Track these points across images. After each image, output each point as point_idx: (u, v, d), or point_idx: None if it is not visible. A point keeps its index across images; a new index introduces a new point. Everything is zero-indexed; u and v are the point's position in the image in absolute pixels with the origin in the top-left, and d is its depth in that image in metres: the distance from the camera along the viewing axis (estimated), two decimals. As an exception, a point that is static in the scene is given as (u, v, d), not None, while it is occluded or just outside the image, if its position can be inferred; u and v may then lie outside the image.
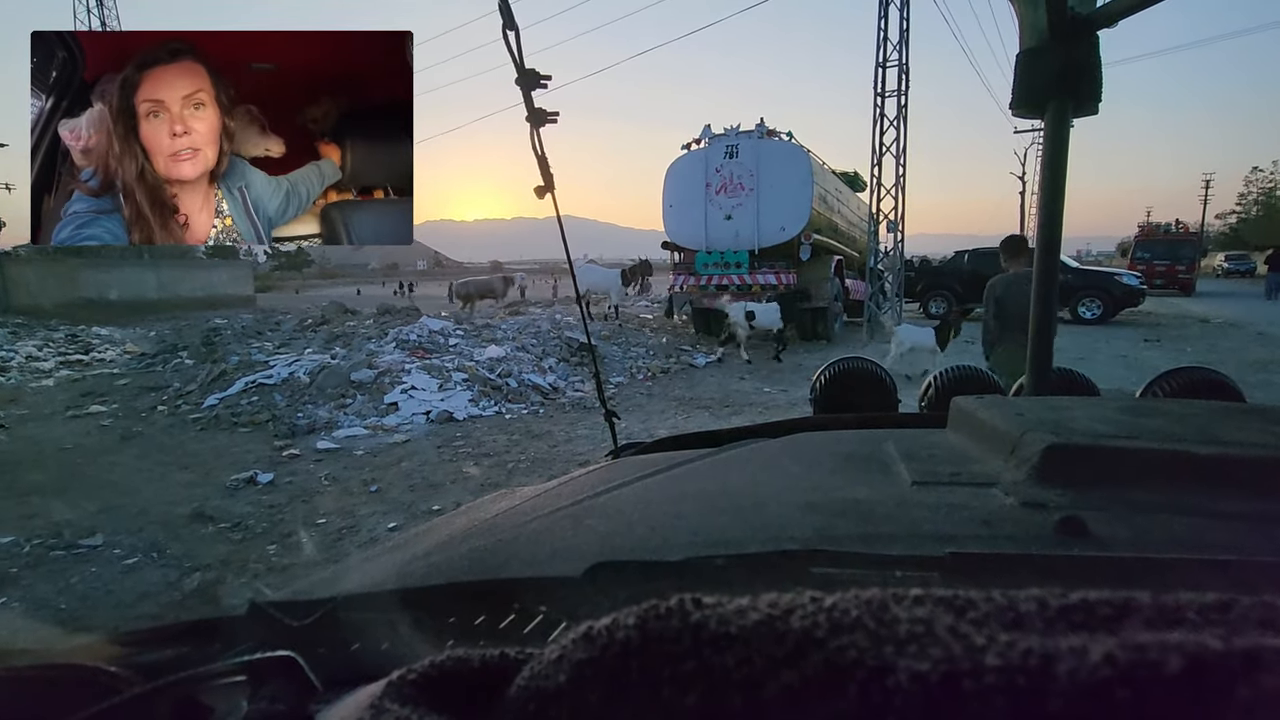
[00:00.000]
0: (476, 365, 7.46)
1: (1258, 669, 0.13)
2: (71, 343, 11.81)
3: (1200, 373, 1.04)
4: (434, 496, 4.10)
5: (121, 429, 6.05)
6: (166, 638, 0.42)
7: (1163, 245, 21.51)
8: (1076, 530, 0.43)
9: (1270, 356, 8.84)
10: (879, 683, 0.15)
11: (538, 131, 1.10)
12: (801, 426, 0.95)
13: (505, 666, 0.24)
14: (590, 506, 0.60)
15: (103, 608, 2.85)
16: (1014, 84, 1.17)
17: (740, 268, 11.23)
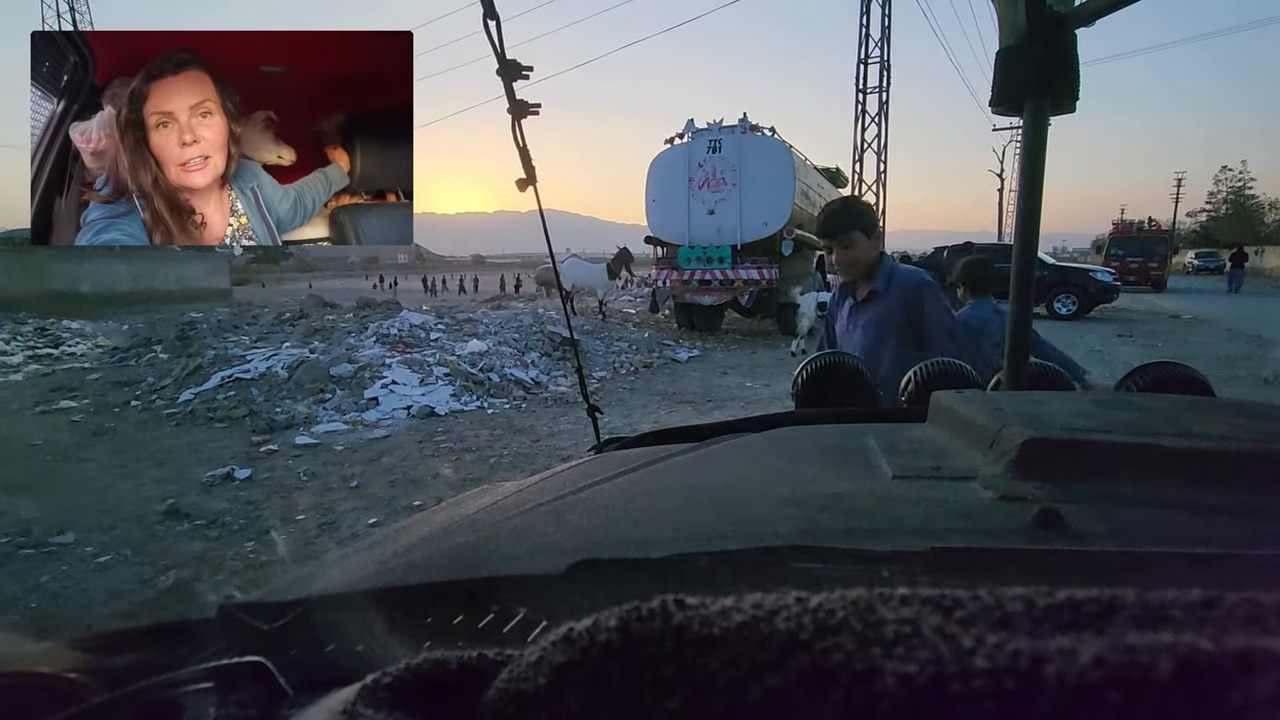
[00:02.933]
0: (458, 360, 7.41)
1: (1249, 671, 0.13)
2: (40, 336, 11.52)
3: (1172, 368, 1.06)
4: (415, 492, 4.07)
5: (93, 425, 5.92)
6: (131, 642, 0.41)
7: (1136, 242, 21.98)
8: (1054, 523, 0.44)
9: (1237, 352, 9.07)
10: (865, 686, 0.15)
11: (519, 123, 1.08)
12: (783, 421, 0.95)
13: (483, 669, 0.23)
14: (572, 502, 0.60)
15: (74, 607, 2.79)
16: (993, 82, 1.18)
17: (723, 262, 11.27)
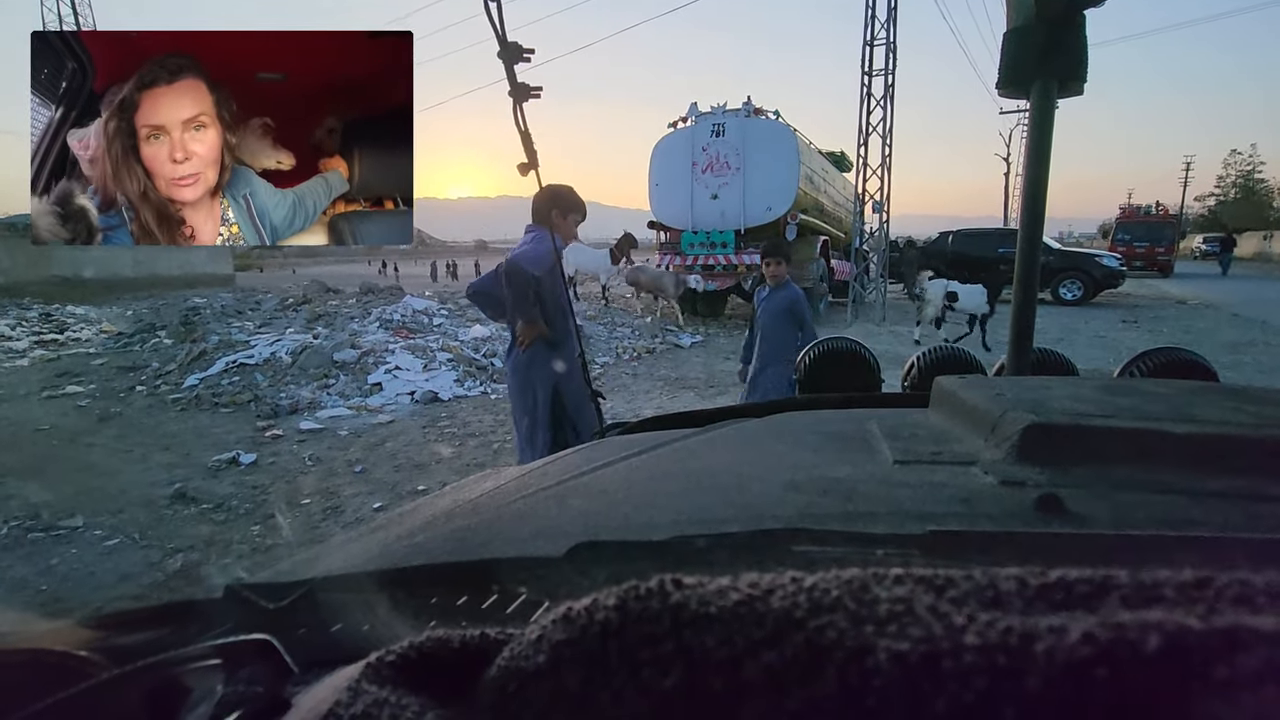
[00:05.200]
0: (461, 345, 7.42)
1: (1235, 648, 0.13)
2: (46, 322, 11.56)
3: (1176, 353, 1.06)
4: (419, 477, 4.09)
5: (99, 410, 5.95)
6: (140, 621, 0.42)
7: (1142, 227, 21.78)
8: (1055, 508, 0.44)
9: (1242, 338, 9.03)
10: (859, 663, 0.15)
11: (521, 107, 1.08)
12: (785, 406, 0.95)
13: (485, 647, 0.23)
14: (575, 486, 0.60)
15: (84, 589, 2.83)
16: (1000, 63, 1.17)
17: (726, 247, 11.21)
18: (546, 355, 2.77)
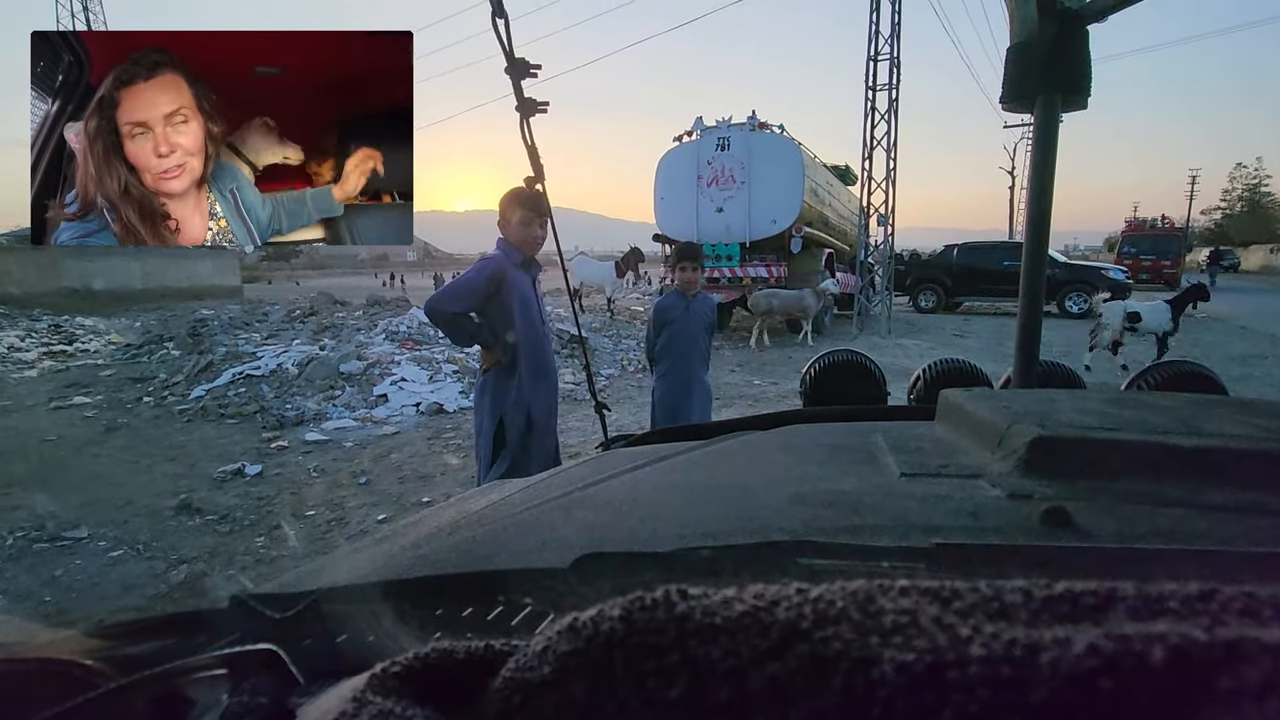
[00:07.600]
0: (467, 357, 7.43)
1: (1240, 660, 0.13)
2: (55, 333, 11.63)
3: (1184, 366, 1.05)
4: (424, 488, 4.09)
5: (106, 420, 5.97)
6: (146, 631, 0.42)
7: (1148, 240, 21.77)
8: (1062, 521, 0.43)
9: (1251, 350, 8.96)
10: (864, 674, 0.15)
11: (527, 121, 1.09)
12: (791, 419, 0.95)
13: (490, 658, 0.23)
14: (579, 498, 0.60)
15: (88, 600, 2.83)
16: (1004, 78, 1.18)
17: (731, 260, 11.23)
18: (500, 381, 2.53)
